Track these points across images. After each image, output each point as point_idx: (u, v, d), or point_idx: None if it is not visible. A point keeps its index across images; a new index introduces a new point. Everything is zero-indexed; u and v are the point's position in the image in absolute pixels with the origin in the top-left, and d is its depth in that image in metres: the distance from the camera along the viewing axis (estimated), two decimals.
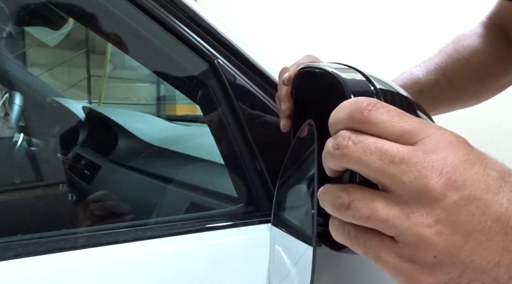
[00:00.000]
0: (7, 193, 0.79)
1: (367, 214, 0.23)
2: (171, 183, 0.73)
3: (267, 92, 0.52)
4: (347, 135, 0.24)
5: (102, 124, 1.01)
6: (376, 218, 0.22)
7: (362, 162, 0.23)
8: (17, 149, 0.87)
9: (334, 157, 0.24)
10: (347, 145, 0.24)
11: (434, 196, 0.21)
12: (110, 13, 0.49)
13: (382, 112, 0.24)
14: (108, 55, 3.80)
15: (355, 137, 0.24)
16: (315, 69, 0.40)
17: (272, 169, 0.50)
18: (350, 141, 0.24)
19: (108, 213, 0.65)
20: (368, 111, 0.24)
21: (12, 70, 1.10)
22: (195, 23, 0.49)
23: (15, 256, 0.35)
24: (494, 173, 0.22)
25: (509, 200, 0.21)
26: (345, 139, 0.24)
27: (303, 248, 0.38)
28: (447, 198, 0.21)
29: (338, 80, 0.31)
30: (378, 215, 0.22)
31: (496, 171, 0.22)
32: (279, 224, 0.46)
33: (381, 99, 0.30)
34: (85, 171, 0.90)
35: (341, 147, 0.24)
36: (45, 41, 2.61)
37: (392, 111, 0.24)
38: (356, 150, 0.23)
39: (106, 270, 0.38)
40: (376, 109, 0.24)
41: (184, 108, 3.52)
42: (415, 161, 0.22)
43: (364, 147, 0.23)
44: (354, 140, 0.24)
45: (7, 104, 0.99)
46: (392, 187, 0.22)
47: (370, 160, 0.23)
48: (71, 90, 3.51)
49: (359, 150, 0.23)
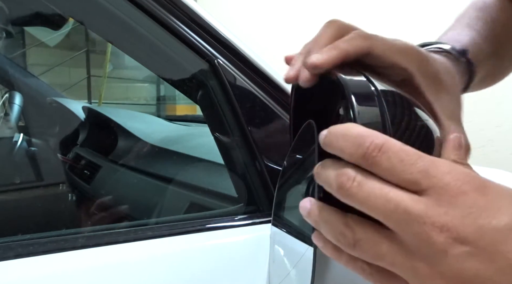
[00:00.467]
0: (7, 193, 0.79)
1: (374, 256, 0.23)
2: (171, 183, 0.73)
3: (267, 92, 0.52)
4: (352, 176, 0.23)
5: (102, 125, 1.01)
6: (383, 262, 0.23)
7: (365, 205, 0.23)
8: (17, 149, 0.87)
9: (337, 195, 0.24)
10: (352, 186, 0.23)
11: (436, 251, 0.21)
12: (110, 13, 0.49)
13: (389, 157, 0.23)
14: (108, 55, 3.80)
15: (361, 180, 0.23)
16: None
17: (272, 169, 0.50)
18: (355, 183, 0.23)
19: (113, 216, 0.65)
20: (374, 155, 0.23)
21: (12, 70, 1.10)
22: (195, 23, 0.49)
23: (15, 256, 0.35)
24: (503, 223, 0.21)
25: None
26: (350, 180, 0.23)
27: (304, 248, 0.38)
28: (449, 253, 0.21)
29: (338, 80, 0.31)
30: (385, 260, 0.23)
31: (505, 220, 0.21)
32: (279, 224, 0.46)
33: (382, 99, 0.29)
34: (85, 171, 0.90)
35: (345, 187, 0.23)
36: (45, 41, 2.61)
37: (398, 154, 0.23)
38: (360, 193, 0.23)
39: (106, 270, 0.38)
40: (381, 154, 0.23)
41: (184, 108, 3.52)
42: (417, 213, 0.21)
43: (370, 191, 0.23)
44: (359, 182, 0.23)
45: (7, 104, 0.99)
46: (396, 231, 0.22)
47: (374, 204, 0.22)
48: (71, 90, 3.52)
49: (364, 193, 0.23)
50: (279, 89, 0.52)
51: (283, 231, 0.44)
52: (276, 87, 0.52)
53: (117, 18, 0.49)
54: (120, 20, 0.49)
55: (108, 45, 3.56)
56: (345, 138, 0.24)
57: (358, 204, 0.23)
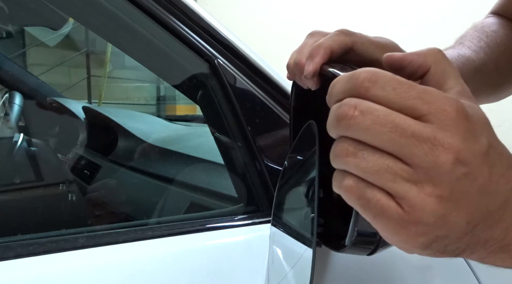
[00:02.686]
0: (7, 193, 0.79)
1: (377, 167, 0.22)
2: (171, 183, 0.73)
3: (267, 92, 0.52)
4: (353, 103, 0.23)
5: (102, 125, 1.01)
6: (387, 173, 0.22)
7: (371, 133, 0.22)
8: (17, 149, 0.87)
9: (338, 128, 0.23)
10: (354, 115, 0.22)
11: (443, 172, 0.22)
12: (110, 13, 0.49)
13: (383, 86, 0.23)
14: (108, 55, 3.80)
15: (363, 107, 0.22)
16: None
17: (272, 169, 0.50)
18: (357, 112, 0.22)
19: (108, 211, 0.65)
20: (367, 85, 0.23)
21: (12, 70, 1.10)
22: (195, 23, 0.49)
23: (15, 256, 0.35)
24: (486, 146, 0.23)
25: (491, 163, 0.23)
26: (351, 109, 0.22)
27: (302, 249, 0.38)
28: (453, 174, 0.22)
29: (332, 75, 0.32)
30: (389, 170, 0.22)
31: (486, 143, 0.23)
32: (279, 225, 0.46)
33: None
34: (85, 171, 0.90)
35: (347, 118, 0.22)
36: (45, 41, 2.61)
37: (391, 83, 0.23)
38: (364, 121, 0.22)
39: (106, 270, 0.38)
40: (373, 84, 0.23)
41: (184, 108, 3.52)
42: (426, 136, 0.22)
43: (374, 118, 0.22)
44: (362, 110, 0.22)
45: (7, 104, 0.99)
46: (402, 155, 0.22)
47: (380, 131, 0.22)
48: (71, 90, 3.52)
49: (368, 121, 0.22)
50: (279, 89, 0.52)
51: (282, 231, 0.44)
52: (276, 87, 0.52)
53: (117, 18, 0.49)
54: (120, 20, 0.49)
55: (108, 45, 3.56)
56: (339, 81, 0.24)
57: (363, 133, 0.22)
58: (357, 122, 0.22)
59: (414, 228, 0.23)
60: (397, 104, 0.22)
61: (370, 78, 0.23)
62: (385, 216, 0.23)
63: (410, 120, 0.22)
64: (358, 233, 0.30)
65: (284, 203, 0.46)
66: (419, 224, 0.23)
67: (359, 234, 0.30)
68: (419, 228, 0.23)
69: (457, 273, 0.55)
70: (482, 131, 0.23)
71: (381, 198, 0.23)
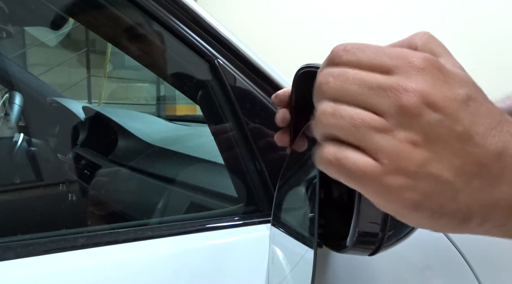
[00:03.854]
0: (7, 193, 0.79)
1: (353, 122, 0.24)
2: (171, 183, 0.73)
3: (267, 92, 0.52)
4: (327, 71, 0.25)
5: (102, 125, 1.01)
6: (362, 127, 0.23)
7: (341, 91, 0.24)
8: (17, 149, 0.87)
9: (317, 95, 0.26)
10: (328, 81, 0.25)
11: (410, 115, 0.23)
12: (110, 13, 0.49)
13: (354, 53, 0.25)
14: (108, 55, 3.80)
15: (336, 72, 0.25)
16: (314, 69, 0.39)
17: (272, 169, 0.50)
18: (331, 77, 0.25)
19: None
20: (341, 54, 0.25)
21: (12, 70, 1.10)
22: (195, 23, 0.49)
23: (15, 256, 0.35)
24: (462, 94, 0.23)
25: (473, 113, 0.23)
26: (326, 76, 0.25)
27: (303, 249, 0.38)
28: (422, 118, 0.22)
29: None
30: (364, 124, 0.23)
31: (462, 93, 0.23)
32: (279, 225, 0.46)
33: None
34: (85, 171, 0.90)
35: (322, 84, 0.25)
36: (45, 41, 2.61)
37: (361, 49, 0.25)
38: (336, 83, 0.25)
39: (106, 270, 0.38)
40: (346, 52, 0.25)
41: (184, 108, 3.52)
42: (390, 84, 0.23)
43: (344, 79, 0.24)
44: (334, 75, 0.25)
45: (7, 104, 0.99)
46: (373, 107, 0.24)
47: (349, 88, 0.24)
48: (71, 90, 3.52)
49: (338, 81, 0.25)
50: (279, 89, 0.52)
51: (282, 231, 0.44)
52: (276, 87, 0.52)
53: (117, 18, 0.49)
54: (120, 20, 0.49)
55: (108, 45, 3.56)
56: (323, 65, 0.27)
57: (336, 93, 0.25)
58: (330, 86, 0.25)
59: (396, 182, 0.23)
60: (367, 64, 0.24)
61: (344, 48, 0.25)
62: (366, 177, 0.23)
63: (377, 75, 0.24)
64: (359, 234, 0.30)
65: (284, 203, 0.46)
66: (399, 175, 0.23)
67: (360, 235, 0.30)
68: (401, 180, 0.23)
69: (457, 273, 0.55)
70: (460, 85, 0.24)
71: (358, 158, 0.23)
